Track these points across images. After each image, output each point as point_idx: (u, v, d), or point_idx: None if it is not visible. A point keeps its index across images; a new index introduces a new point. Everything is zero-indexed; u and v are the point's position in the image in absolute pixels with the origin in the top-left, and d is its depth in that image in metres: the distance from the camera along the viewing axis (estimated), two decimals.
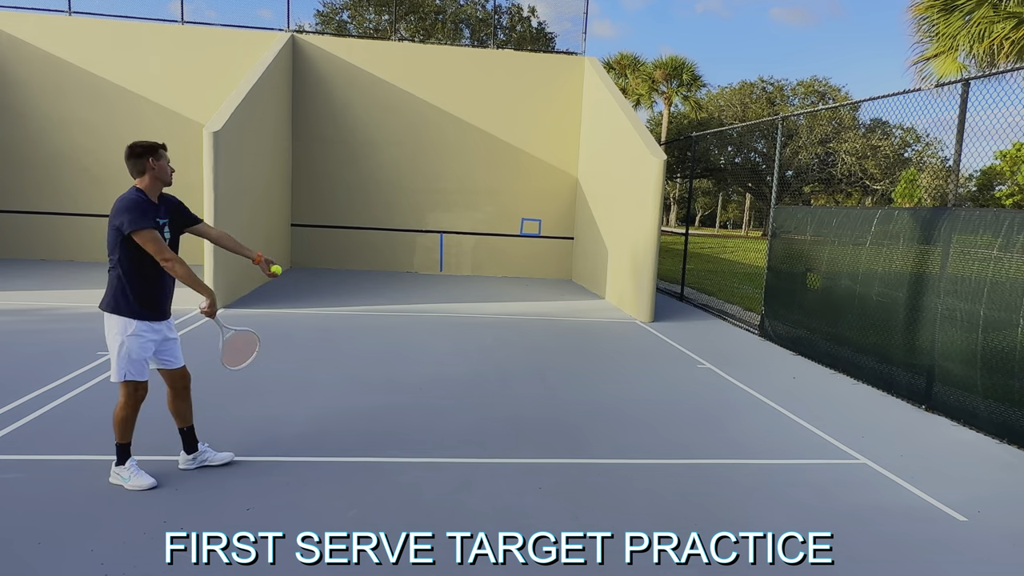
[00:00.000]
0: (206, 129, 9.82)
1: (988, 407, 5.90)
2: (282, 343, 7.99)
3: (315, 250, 15.12)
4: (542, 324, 10.13)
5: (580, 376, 7.35)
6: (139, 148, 3.97)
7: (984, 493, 4.69)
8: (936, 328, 6.51)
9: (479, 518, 3.95)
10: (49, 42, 14.03)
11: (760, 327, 9.97)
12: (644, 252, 10.69)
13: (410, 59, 15.01)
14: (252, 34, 14.63)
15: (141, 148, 3.97)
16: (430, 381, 6.76)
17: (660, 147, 11.00)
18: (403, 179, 15.14)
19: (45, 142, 14.17)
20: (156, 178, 4.01)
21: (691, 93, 37.02)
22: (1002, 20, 11.18)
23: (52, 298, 10.11)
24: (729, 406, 6.52)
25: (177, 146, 14.43)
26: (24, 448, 4.60)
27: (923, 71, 12.57)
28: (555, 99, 15.29)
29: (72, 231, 14.34)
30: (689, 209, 17.30)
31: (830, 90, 36.73)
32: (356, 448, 4.93)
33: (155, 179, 4.01)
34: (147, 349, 4.03)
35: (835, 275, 8.16)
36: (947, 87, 7.01)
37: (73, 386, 5.93)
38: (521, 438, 5.32)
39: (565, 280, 15.40)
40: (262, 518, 3.81)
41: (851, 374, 7.73)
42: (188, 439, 4.35)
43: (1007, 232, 5.77)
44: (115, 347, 3.97)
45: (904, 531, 4.08)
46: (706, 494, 4.46)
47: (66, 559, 3.31)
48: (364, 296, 11.65)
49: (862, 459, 5.21)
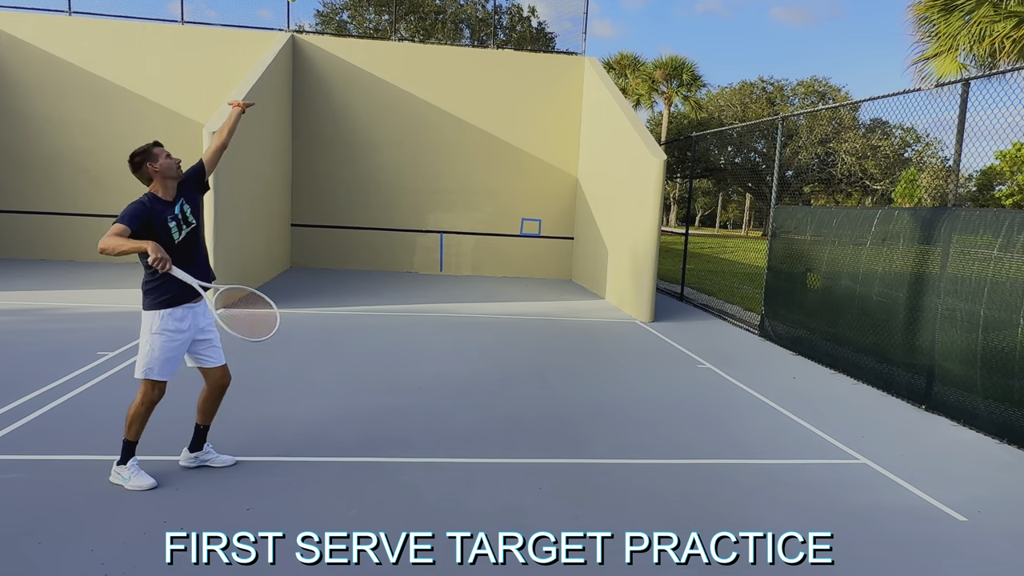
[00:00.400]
0: (206, 129, 9.82)
1: (988, 407, 5.90)
2: (282, 343, 7.98)
3: (315, 250, 15.11)
4: (542, 324, 10.13)
5: (580, 376, 7.34)
6: (136, 158, 3.97)
7: (984, 493, 4.69)
8: (936, 328, 6.51)
9: (479, 518, 3.95)
10: (49, 42, 14.03)
11: (760, 327, 9.97)
12: (644, 252, 10.69)
13: (410, 59, 15.01)
14: (252, 34, 14.63)
15: (138, 158, 3.97)
16: (430, 381, 6.76)
17: (660, 147, 11.00)
18: (403, 179, 15.14)
19: (45, 142, 14.17)
20: (163, 177, 4.01)
21: (691, 93, 37.03)
22: (1003, 20, 11.18)
23: (52, 298, 10.11)
24: (729, 406, 6.52)
25: (177, 146, 14.38)
26: (24, 448, 4.60)
27: (923, 71, 12.57)
28: (555, 99, 15.29)
29: (72, 231, 14.34)
30: (689, 209, 17.31)
31: (830, 90, 36.75)
32: (356, 448, 4.93)
33: (163, 179, 4.01)
34: (173, 349, 4.03)
35: (835, 275, 8.16)
36: (947, 87, 7.01)
37: (73, 386, 5.93)
38: (521, 438, 5.32)
39: (565, 280, 15.40)
40: (262, 518, 3.81)
41: (851, 374, 7.73)
42: (198, 437, 4.36)
43: (1007, 232, 5.77)
44: (142, 343, 4.01)
45: (904, 531, 4.08)
46: (706, 494, 4.46)
47: (66, 559, 3.31)
48: (364, 296, 11.65)
49: (862, 459, 5.21)
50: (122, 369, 6.55)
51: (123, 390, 5.98)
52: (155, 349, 3.98)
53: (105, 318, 8.99)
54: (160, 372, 4.01)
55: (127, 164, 4.01)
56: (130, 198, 4.00)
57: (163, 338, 3.98)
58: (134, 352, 7.13)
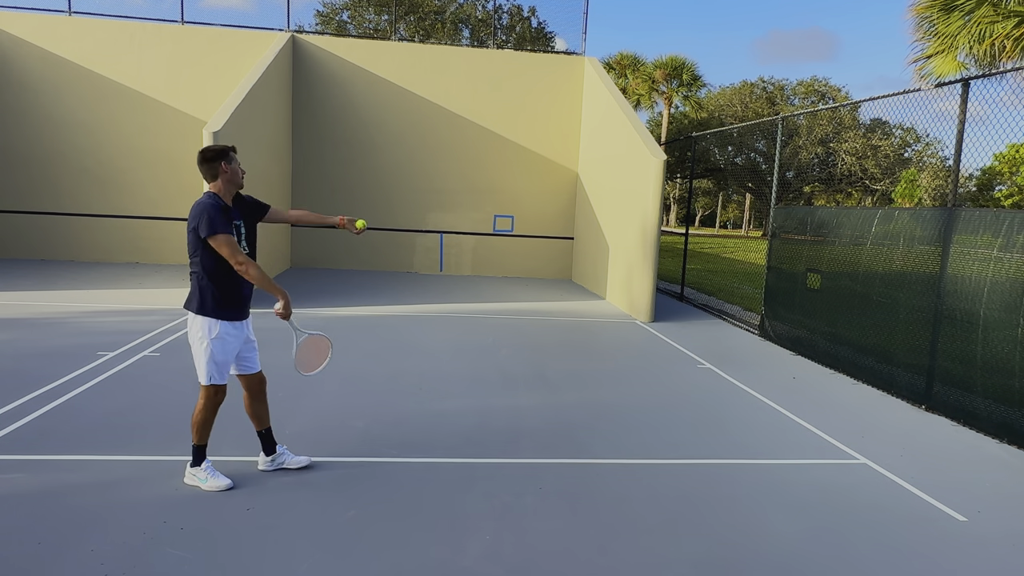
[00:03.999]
0: (206, 129, 9.82)
1: (988, 407, 5.90)
2: (282, 343, 7.97)
3: (315, 250, 15.11)
4: (542, 324, 10.13)
5: (580, 376, 7.34)
6: (211, 153, 4.00)
7: (984, 493, 4.69)
8: (936, 328, 6.51)
9: (479, 518, 3.95)
10: (49, 42, 14.03)
11: (760, 327, 9.97)
12: (644, 252, 10.69)
13: (410, 59, 15.01)
14: (252, 34, 14.63)
15: (213, 153, 4.00)
16: (430, 381, 6.76)
17: (660, 147, 11.00)
18: (403, 179, 15.14)
19: (45, 142, 14.17)
20: (229, 181, 4.03)
21: (691, 93, 37.00)
22: (1003, 19, 11.17)
23: (52, 298, 10.11)
24: (729, 406, 6.52)
25: (177, 146, 14.56)
26: (25, 448, 4.60)
27: (923, 70, 12.56)
28: (555, 99, 15.29)
29: (72, 231, 14.34)
30: (689, 209, 17.31)
31: (830, 90, 36.73)
32: (356, 448, 4.93)
33: (228, 182, 4.04)
34: (231, 352, 4.08)
35: (835, 275, 8.16)
36: (947, 87, 7.01)
37: (73, 386, 5.93)
38: (521, 438, 5.31)
39: (565, 280, 15.40)
40: (262, 518, 3.81)
41: (851, 374, 7.73)
42: (266, 441, 4.41)
43: (1007, 232, 5.78)
44: (200, 349, 4.02)
45: (904, 531, 4.08)
46: (706, 494, 4.46)
47: (66, 559, 3.31)
48: (364, 296, 11.65)
49: (862, 459, 5.21)
50: (122, 369, 6.56)
51: (123, 390, 5.98)
52: (216, 353, 4.02)
53: (105, 318, 8.99)
54: (221, 376, 4.07)
55: (196, 156, 4.04)
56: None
57: (222, 342, 4.02)
58: (134, 352, 7.15)
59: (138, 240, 14.42)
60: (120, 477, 4.25)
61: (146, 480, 4.21)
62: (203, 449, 4.14)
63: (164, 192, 14.29)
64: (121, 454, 4.58)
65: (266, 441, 4.41)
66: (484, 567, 3.44)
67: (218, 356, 4.02)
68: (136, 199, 14.30)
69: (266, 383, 4.39)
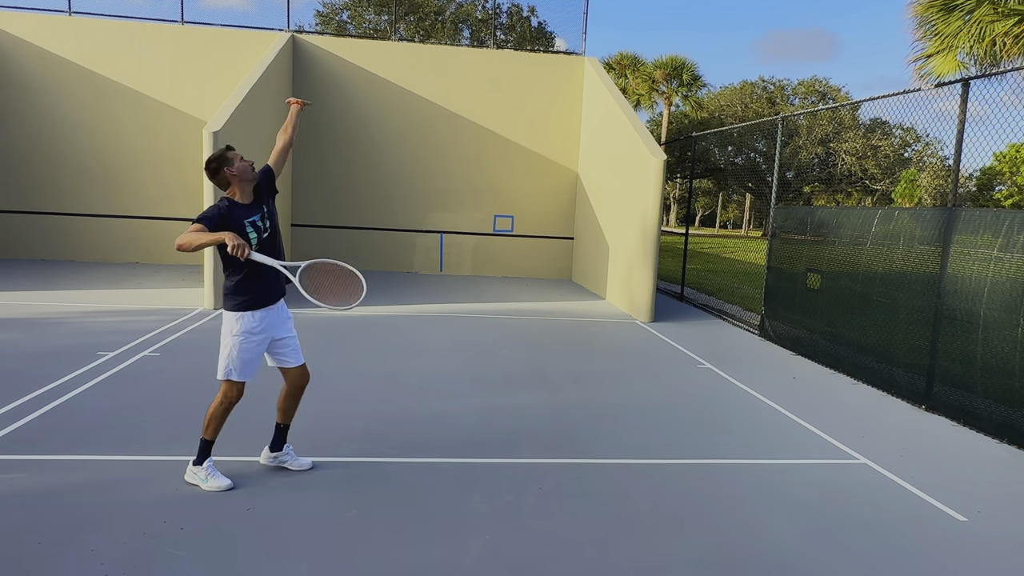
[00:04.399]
0: (206, 129, 9.81)
1: (988, 407, 5.90)
2: None
3: (315, 250, 15.09)
4: (542, 324, 10.13)
5: (580, 376, 7.34)
6: (212, 164, 3.99)
7: (984, 493, 4.69)
8: (936, 328, 6.51)
9: (479, 518, 3.95)
10: (49, 42, 14.03)
11: (760, 327, 9.97)
12: (644, 252, 10.69)
13: (410, 59, 15.00)
14: (252, 34, 14.63)
15: (215, 163, 3.98)
16: (430, 381, 6.76)
17: (660, 147, 11.00)
18: (403, 179, 15.14)
19: (45, 142, 14.17)
20: (240, 181, 4.02)
21: (691, 93, 37.00)
22: (1003, 19, 11.16)
23: (52, 298, 10.11)
24: (729, 406, 6.52)
25: (177, 146, 14.56)
26: (25, 448, 4.60)
27: (922, 70, 12.56)
28: (555, 99, 15.29)
29: (72, 231, 14.34)
30: (689, 209, 17.31)
31: (830, 90, 36.71)
32: (356, 448, 4.93)
33: (240, 183, 4.02)
34: (253, 352, 4.07)
35: (835, 275, 8.16)
36: (947, 86, 7.01)
37: (73, 386, 5.93)
38: (521, 438, 5.31)
39: (565, 280, 15.40)
40: (262, 518, 3.81)
41: (851, 374, 7.73)
42: (279, 437, 4.40)
43: (1007, 232, 5.78)
44: (223, 345, 4.05)
45: (904, 531, 4.08)
46: (706, 494, 4.46)
47: (66, 559, 3.31)
48: (364, 296, 11.63)
49: (862, 459, 5.21)
50: (122, 369, 6.56)
51: (123, 390, 5.98)
52: (235, 351, 4.02)
53: (105, 318, 8.99)
54: (239, 374, 4.06)
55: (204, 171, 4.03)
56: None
57: (241, 340, 4.02)
58: (134, 352, 7.15)
59: (138, 240, 14.42)
60: (120, 477, 4.25)
61: (146, 480, 4.21)
62: (210, 446, 4.13)
63: (164, 192, 14.29)
64: (121, 454, 4.58)
65: (279, 436, 4.40)
66: (485, 567, 3.44)
67: (236, 353, 4.02)
68: (136, 199, 14.30)
69: (308, 381, 4.36)
